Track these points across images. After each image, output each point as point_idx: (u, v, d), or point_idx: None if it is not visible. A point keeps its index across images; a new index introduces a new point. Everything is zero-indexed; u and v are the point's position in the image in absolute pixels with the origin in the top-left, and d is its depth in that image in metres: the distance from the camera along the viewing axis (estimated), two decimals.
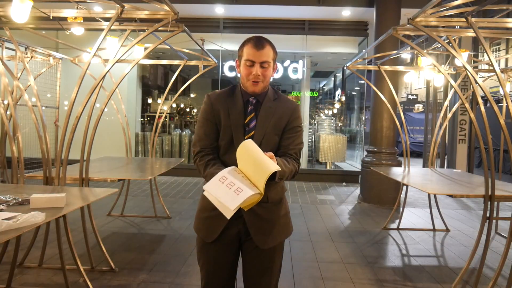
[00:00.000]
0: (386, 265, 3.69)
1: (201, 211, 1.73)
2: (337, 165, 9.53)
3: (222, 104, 1.67)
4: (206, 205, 1.64)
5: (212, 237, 1.67)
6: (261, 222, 1.66)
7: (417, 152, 13.79)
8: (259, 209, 1.63)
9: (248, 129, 1.65)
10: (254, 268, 1.73)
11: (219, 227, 1.65)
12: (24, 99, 3.13)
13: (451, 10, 2.98)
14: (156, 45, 3.36)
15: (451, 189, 3.44)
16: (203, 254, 1.74)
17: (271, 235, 1.68)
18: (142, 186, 7.07)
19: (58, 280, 3.01)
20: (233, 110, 1.66)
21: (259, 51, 1.59)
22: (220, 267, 1.72)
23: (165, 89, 5.53)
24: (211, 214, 1.62)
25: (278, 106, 1.70)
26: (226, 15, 8.25)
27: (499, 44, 17.07)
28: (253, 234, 1.66)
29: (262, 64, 1.61)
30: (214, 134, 1.68)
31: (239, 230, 1.68)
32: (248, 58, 1.60)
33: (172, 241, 4.13)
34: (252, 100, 1.69)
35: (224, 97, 1.70)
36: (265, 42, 1.62)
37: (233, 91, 1.72)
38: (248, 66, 1.62)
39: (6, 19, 3.11)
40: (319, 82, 17.06)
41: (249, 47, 1.61)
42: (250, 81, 1.63)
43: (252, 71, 1.61)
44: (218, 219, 1.60)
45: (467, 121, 8.08)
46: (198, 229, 1.74)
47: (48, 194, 2.16)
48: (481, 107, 2.90)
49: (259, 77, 1.62)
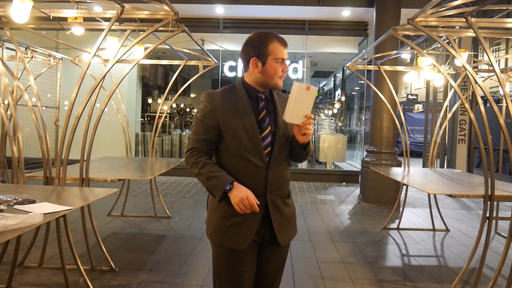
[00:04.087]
0: (386, 265, 3.69)
1: (223, 220, 1.62)
2: (337, 165, 9.52)
3: (224, 102, 1.61)
4: (228, 212, 1.59)
5: (246, 242, 1.60)
6: (284, 219, 1.67)
7: (417, 152, 13.78)
8: (283, 206, 1.66)
9: (264, 126, 1.62)
10: (271, 269, 1.72)
11: (251, 231, 1.60)
12: (25, 99, 3.13)
13: (451, 10, 2.98)
14: (156, 45, 3.36)
15: (451, 189, 3.45)
16: (231, 264, 1.63)
17: (289, 232, 1.70)
18: (142, 186, 7.07)
19: (58, 280, 3.01)
20: (238, 107, 1.60)
21: (286, 48, 1.62)
22: (247, 275, 1.65)
23: (165, 89, 5.53)
24: (237, 220, 1.59)
25: (283, 99, 1.72)
26: (226, 15, 8.25)
27: (499, 44, 17.07)
28: (277, 231, 1.64)
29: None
30: (213, 134, 1.61)
31: (267, 235, 1.65)
32: (281, 57, 1.60)
33: (172, 241, 4.13)
34: (261, 96, 1.66)
35: (224, 95, 1.63)
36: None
37: (233, 89, 1.66)
38: (278, 64, 1.60)
39: (6, 19, 3.11)
40: (319, 82, 17.06)
41: (278, 45, 1.59)
42: (279, 78, 1.62)
43: (283, 68, 1.62)
44: (248, 223, 1.59)
45: (467, 121, 8.08)
46: (225, 239, 1.61)
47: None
48: (481, 107, 2.90)
49: (286, 71, 1.65)
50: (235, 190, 1.54)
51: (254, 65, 1.61)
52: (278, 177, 1.65)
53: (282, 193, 1.67)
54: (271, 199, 1.63)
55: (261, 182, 1.60)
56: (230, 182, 1.54)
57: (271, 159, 1.61)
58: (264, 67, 1.60)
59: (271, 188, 1.62)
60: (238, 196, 1.52)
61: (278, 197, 1.65)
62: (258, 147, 1.59)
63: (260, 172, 1.60)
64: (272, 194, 1.63)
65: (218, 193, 1.56)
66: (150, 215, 5.07)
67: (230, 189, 1.54)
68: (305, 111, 1.54)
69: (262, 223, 1.62)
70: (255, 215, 1.59)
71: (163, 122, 8.06)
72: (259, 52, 1.59)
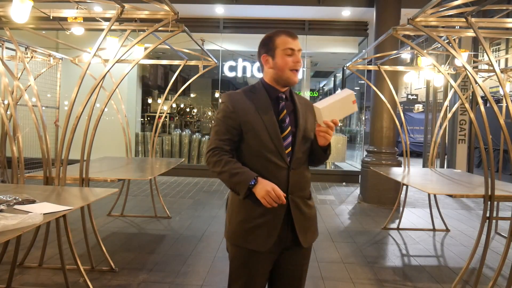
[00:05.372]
0: (386, 265, 3.69)
1: (245, 221, 1.60)
2: (337, 165, 9.53)
3: (246, 102, 1.60)
4: (250, 214, 1.58)
5: (268, 244, 1.58)
6: (305, 221, 1.65)
7: (417, 152, 13.78)
8: (304, 208, 1.64)
9: (285, 126, 1.60)
10: (293, 273, 1.69)
11: (274, 232, 1.58)
12: (24, 99, 3.13)
13: (451, 10, 2.98)
14: (156, 45, 3.36)
15: (451, 189, 3.45)
16: (250, 265, 1.62)
17: (310, 234, 1.68)
18: (142, 186, 7.07)
19: (58, 280, 3.01)
20: (260, 107, 1.59)
21: (295, 40, 1.60)
22: (263, 277, 1.65)
23: (165, 89, 5.53)
24: (261, 221, 1.58)
25: (303, 100, 1.71)
26: (226, 15, 8.25)
27: (499, 44, 17.08)
28: (299, 232, 1.61)
29: (299, 51, 1.61)
30: (234, 134, 1.59)
31: (289, 237, 1.62)
32: (289, 47, 1.57)
33: (172, 241, 4.13)
34: (282, 96, 1.64)
35: (245, 95, 1.63)
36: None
37: (253, 90, 1.65)
38: (288, 55, 1.58)
39: (6, 19, 3.11)
40: (319, 82, 17.07)
41: (284, 37, 1.59)
42: (290, 71, 1.59)
43: (293, 59, 1.59)
44: (270, 225, 1.58)
45: (467, 121, 8.08)
46: (247, 241, 1.59)
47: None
48: (481, 107, 2.90)
49: (299, 64, 1.60)
50: (259, 185, 1.51)
51: (266, 62, 1.63)
52: (300, 177, 1.63)
53: (303, 194, 1.65)
54: (293, 200, 1.61)
55: (283, 183, 1.57)
56: (254, 177, 1.52)
57: (292, 160, 1.60)
58: (274, 61, 1.60)
59: (293, 189, 1.60)
60: (264, 189, 1.49)
61: (300, 198, 1.63)
62: (280, 146, 1.57)
63: (282, 172, 1.58)
64: (293, 195, 1.61)
65: (242, 189, 1.52)
66: (150, 215, 5.07)
67: (255, 184, 1.51)
68: (336, 115, 1.53)
69: (284, 224, 1.60)
70: (277, 216, 1.58)
71: (163, 122, 8.06)
72: (268, 47, 1.61)
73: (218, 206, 5.82)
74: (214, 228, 4.64)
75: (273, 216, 1.57)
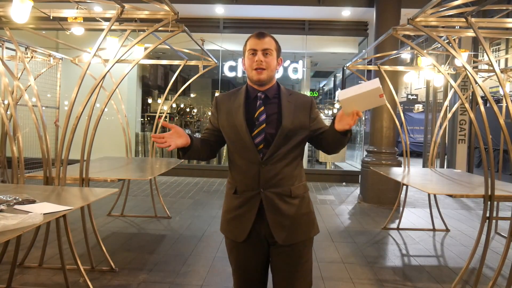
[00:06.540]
0: (386, 265, 3.69)
1: (227, 212, 1.75)
2: (337, 165, 9.53)
3: (225, 103, 1.74)
4: (231, 206, 1.72)
5: (243, 236, 1.68)
6: (282, 217, 1.66)
7: (417, 152, 13.78)
8: (281, 204, 1.65)
9: (258, 123, 1.66)
10: (283, 271, 1.71)
11: (247, 225, 1.67)
12: (24, 99, 3.13)
13: (451, 10, 2.98)
14: (156, 45, 3.36)
15: (451, 189, 3.44)
16: (234, 255, 1.76)
17: (290, 232, 1.67)
18: (142, 186, 7.07)
19: (58, 280, 3.01)
20: (233, 107, 1.70)
21: (261, 40, 1.65)
22: (251, 268, 1.74)
23: (165, 89, 5.53)
24: (237, 213, 1.69)
25: (297, 99, 1.72)
26: (226, 15, 8.25)
27: (499, 44, 17.07)
28: (273, 229, 1.64)
29: (265, 51, 1.64)
30: (214, 129, 1.77)
31: (265, 232, 1.67)
32: (251, 48, 1.65)
33: (172, 241, 4.14)
34: (260, 95, 1.70)
35: (228, 97, 1.75)
36: (266, 33, 1.68)
37: (238, 90, 1.77)
38: (251, 56, 1.65)
39: (6, 19, 3.11)
40: (319, 82, 17.07)
41: (251, 39, 1.67)
42: (254, 70, 1.65)
43: (255, 59, 1.64)
44: (245, 217, 1.67)
45: (467, 121, 8.08)
46: (227, 230, 1.75)
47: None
48: (481, 107, 2.90)
49: (262, 63, 1.63)
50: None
51: (243, 65, 1.74)
52: (275, 173, 1.65)
53: (280, 190, 1.66)
54: (265, 195, 1.65)
55: (254, 178, 1.65)
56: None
57: (266, 155, 1.63)
58: (244, 63, 1.72)
59: (265, 185, 1.65)
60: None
61: (275, 194, 1.65)
62: (249, 143, 1.64)
63: (253, 167, 1.65)
64: (266, 191, 1.65)
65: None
66: (150, 215, 5.08)
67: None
68: (359, 107, 1.48)
69: (259, 218, 1.66)
70: (251, 210, 1.66)
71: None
72: (243, 51, 1.73)
73: (218, 206, 5.82)
74: (214, 228, 4.64)
75: (247, 208, 1.67)
